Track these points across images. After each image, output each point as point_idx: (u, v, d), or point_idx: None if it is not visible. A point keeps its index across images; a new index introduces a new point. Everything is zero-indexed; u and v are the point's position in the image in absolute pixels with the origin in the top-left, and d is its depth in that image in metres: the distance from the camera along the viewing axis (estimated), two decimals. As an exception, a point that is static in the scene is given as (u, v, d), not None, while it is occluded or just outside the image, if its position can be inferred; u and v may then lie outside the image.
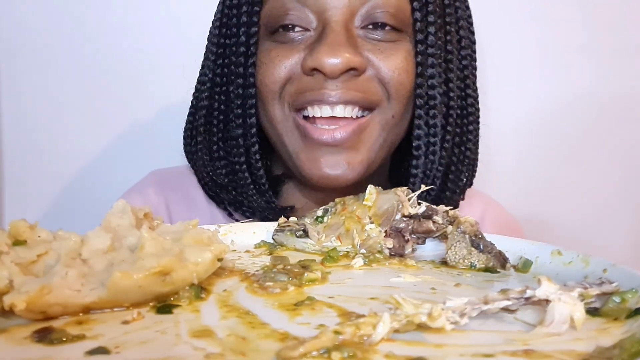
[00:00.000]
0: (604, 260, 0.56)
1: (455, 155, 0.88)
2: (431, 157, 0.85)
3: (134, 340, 0.42)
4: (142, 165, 1.10)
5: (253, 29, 0.83)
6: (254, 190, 0.87)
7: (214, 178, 0.90)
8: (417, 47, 0.82)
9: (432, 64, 0.83)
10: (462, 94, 0.89)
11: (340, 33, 0.78)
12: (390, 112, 0.82)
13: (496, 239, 0.65)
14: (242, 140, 0.86)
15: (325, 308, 0.49)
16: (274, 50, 0.82)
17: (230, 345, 0.40)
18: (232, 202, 0.90)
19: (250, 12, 0.83)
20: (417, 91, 0.83)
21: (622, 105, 1.37)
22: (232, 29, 0.86)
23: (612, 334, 0.43)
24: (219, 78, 0.89)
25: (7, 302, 0.43)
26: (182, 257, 0.49)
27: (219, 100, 0.89)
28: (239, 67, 0.84)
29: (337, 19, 0.79)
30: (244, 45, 0.84)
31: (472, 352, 0.39)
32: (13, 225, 0.50)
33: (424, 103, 0.83)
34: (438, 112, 0.84)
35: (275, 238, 0.71)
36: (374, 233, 0.66)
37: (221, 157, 0.90)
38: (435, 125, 0.84)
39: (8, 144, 1.24)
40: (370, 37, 0.81)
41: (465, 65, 0.89)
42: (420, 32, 0.82)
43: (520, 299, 0.45)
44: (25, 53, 1.22)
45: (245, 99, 0.84)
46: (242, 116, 0.85)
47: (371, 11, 0.80)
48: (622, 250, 1.40)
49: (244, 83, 0.84)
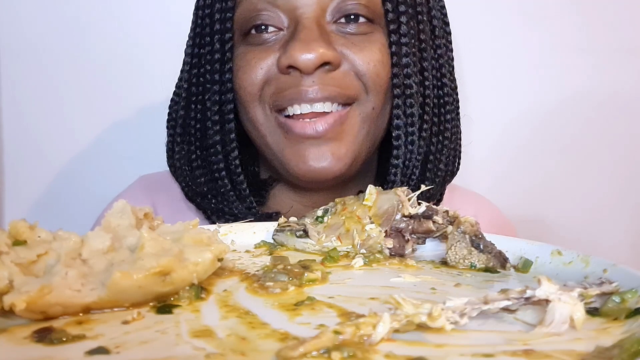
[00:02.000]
0: (604, 260, 0.56)
1: (434, 145, 0.88)
2: (410, 147, 0.85)
3: (134, 340, 0.42)
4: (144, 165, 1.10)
5: (227, 35, 0.84)
6: (234, 197, 0.86)
7: (194, 188, 0.90)
8: (391, 37, 0.82)
9: (406, 52, 0.83)
10: (438, 83, 0.89)
11: (313, 29, 0.78)
12: (370, 104, 0.82)
13: (496, 239, 0.65)
14: (221, 146, 0.85)
15: (325, 308, 0.49)
16: (250, 53, 0.82)
17: (230, 345, 0.40)
18: (213, 211, 0.89)
19: (223, 18, 0.83)
20: (394, 81, 0.83)
21: (620, 104, 1.37)
22: (205, 37, 0.86)
23: (612, 334, 0.43)
24: (195, 87, 0.89)
25: (7, 302, 0.43)
26: (182, 257, 0.49)
27: (196, 109, 0.89)
28: (215, 74, 0.84)
29: (308, 16, 0.79)
30: (219, 52, 0.84)
31: (472, 352, 0.39)
32: (13, 225, 0.50)
33: (401, 93, 0.83)
34: (415, 102, 0.84)
35: (275, 238, 0.71)
36: (374, 233, 0.66)
37: (200, 165, 0.89)
38: (412, 115, 0.84)
39: (8, 143, 1.25)
40: (343, 32, 0.81)
41: (440, 55, 0.89)
42: (393, 22, 0.82)
43: (520, 299, 0.45)
44: (25, 53, 1.22)
45: (223, 104, 0.84)
46: (219, 122, 0.85)
47: (342, 5, 0.80)
48: (622, 250, 1.40)
49: (220, 89, 0.84)
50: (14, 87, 1.23)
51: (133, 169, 1.09)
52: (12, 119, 1.24)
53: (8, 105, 1.23)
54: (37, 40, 1.22)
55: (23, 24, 1.21)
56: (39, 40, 1.22)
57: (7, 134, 1.24)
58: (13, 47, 1.22)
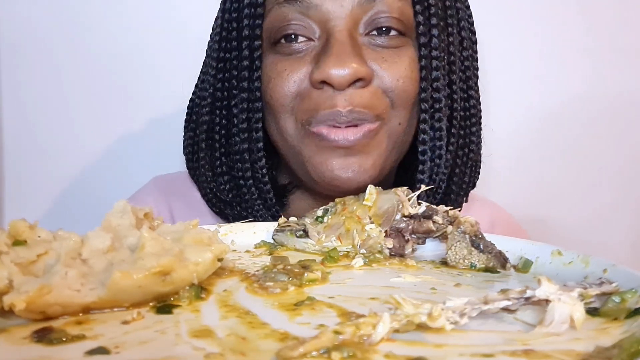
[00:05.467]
0: (604, 260, 0.56)
1: (459, 158, 0.88)
2: (437, 160, 0.84)
3: (134, 340, 0.42)
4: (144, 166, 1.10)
5: (256, 42, 0.82)
6: (260, 205, 0.86)
7: (217, 194, 0.89)
8: (421, 51, 0.81)
9: (437, 66, 0.82)
10: (464, 95, 0.88)
11: (345, 43, 0.77)
12: (397, 120, 0.81)
13: (496, 239, 0.65)
14: (248, 155, 0.85)
15: (325, 308, 0.49)
16: (280, 64, 0.81)
17: (230, 345, 0.40)
18: (236, 218, 0.89)
19: (252, 25, 0.82)
20: (422, 95, 0.82)
21: (622, 105, 1.37)
22: (233, 42, 0.85)
23: (612, 334, 0.43)
24: (220, 93, 0.88)
25: (6, 302, 0.43)
26: (182, 257, 0.49)
27: (221, 115, 0.88)
28: (243, 82, 0.83)
29: (340, 29, 0.78)
30: (248, 59, 0.83)
31: (472, 352, 0.39)
32: (13, 225, 0.50)
33: (428, 107, 0.83)
34: (443, 115, 0.83)
35: (275, 238, 0.71)
36: (374, 233, 0.66)
37: (224, 172, 0.89)
38: (440, 129, 0.83)
39: (8, 143, 1.24)
40: (374, 44, 0.80)
41: (467, 67, 0.88)
42: (424, 35, 0.81)
43: (520, 299, 0.45)
44: (27, 53, 1.22)
45: (251, 112, 0.83)
46: (247, 130, 0.84)
47: (374, 17, 0.79)
48: (622, 250, 1.40)
49: (249, 97, 0.83)
50: (16, 87, 1.23)
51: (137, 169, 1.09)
52: (14, 118, 1.24)
53: (9, 105, 1.23)
54: (41, 40, 1.22)
55: (26, 25, 1.21)
56: (42, 41, 1.22)
57: (7, 134, 1.24)
58: (16, 48, 1.22)
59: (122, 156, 1.26)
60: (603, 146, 1.38)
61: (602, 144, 1.38)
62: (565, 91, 1.36)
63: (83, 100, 1.24)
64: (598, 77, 1.36)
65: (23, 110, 1.24)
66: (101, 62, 1.23)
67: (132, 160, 1.25)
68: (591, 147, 1.38)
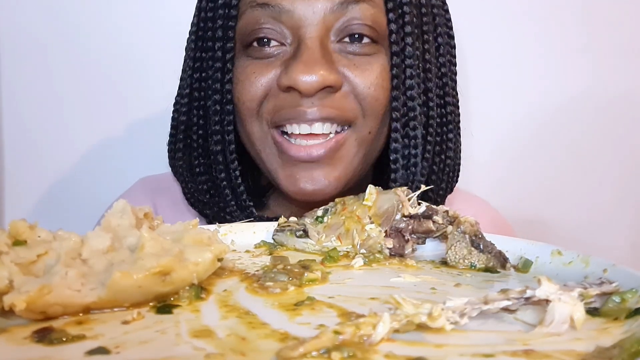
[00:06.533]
0: (604, 260, 0.56)
1: (436, 165, 0.88)
2: (412, 169, 0.84)
3: (134, 340, 0.42)
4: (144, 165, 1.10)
5: (229, 44, 0.82)
6: (235, 207, 0.86)
7: (195, 195, 0.90)
8: (393, 60, 0.81)
9: (411, 75, 0.82)
10: (441, 101, 0.88)
11: (316, 50, 0.77)
12: (366, 128, 0.82)
13: (496, 239, 0.65)
14: (222, 157, 0.85)
15: (325, 308, 0.49)
16: (250, 67, 0.81)
17: (230, 345, 0.40)
18: (216, 217, 0.89)
19: (226, 26, 0.82)
20: (393, 104, 0.82)
21: (621, 105, 1.37)
22: (207, 42, 0.85)
23: (612, 334, 0.43)
24: (197, 92, 0.88)
25: (7, 302, 0.43)
26: (182, 257, 0.49)
27: (198, 115, 0.88)
28: (216, 83, 0.83)
29: (311, 35, 0.78)
30: (220, 61, 0.83)
31: (472, 352, 0.39)
32: (13, 225, 0.50)
33: (400, 116, 0.82)
34: (418, 124, 0.83)
35: (275, 238, 0.71)
36: (374, 233, 0.66)
37: (202, 172, 0.89)
38: (415, 137, 0.83)
39: (8, 143, 1.24)
40: (346, 51, 0.80)
41: (444, 73, 0.88)
42: (396, 44, 0.81)
43: (520, 299, 0.45)
44: (26, 53, 1.22)
45: (223, 115, 0.84)
46: (220, 132, 0.85)
47: (347, 24, 0.79)
48: (622, 250, 1.40)
49: (221, 99, 0.83)
50: (14, 87, 1.23)
51: (133, 170, 1.09)
52: (12, 118, 1.24)
53: (8, 105, 1.23)
54: (37, 41, 1.22)
55: (24, 25, 1.21)
56: (39, 42, 1.22)
57: (7, 134, 1.24)
58: (13, 48, 1.22)
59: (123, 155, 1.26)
60: (603, 146, 1.38)
61: (602, 143, 1.38)
62: (566, 91, 1.36)
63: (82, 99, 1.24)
64: (597, 77, 1.36)
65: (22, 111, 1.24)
66: (96, 64, 1.23)
67: (130, 159, 1.25)
68: (592, 147, 1.38)
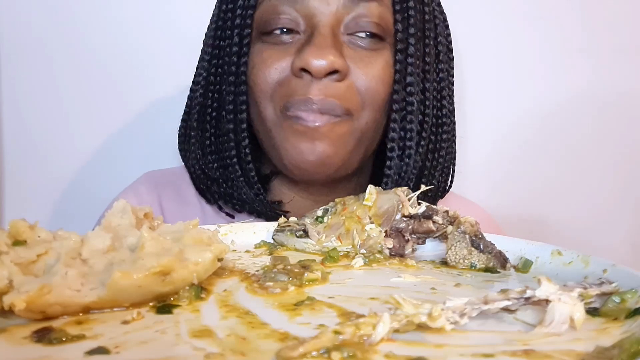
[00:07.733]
0: (604, 260, 0.56)
1: (429, 161, 0.93)
2: (406, 159, 0.89)
3: (134, 340, 0.42)
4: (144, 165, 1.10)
5: (246, 30, 0.88)
6: (243, 183, 0.91)
7: (205, 171, 0.95)
8: (397, 56, 0.87)
9: (411, 72, 0.88)
10: (437, 104, 0.94)
11: (327, 36, 0.83)
12: (364, 120, 0.86)
13: (496, 239, 0.65)
14: (233, 134, 0.90)
15: (325, 308, 0.49)
16: (266, 52, 0.86)
17: (230, 345, 0.40)
18: (222, 195, 0.94)
19: (244, 15, 0.88)
20: (394, 97, 0.87)
21: (621, 105, 1.37)
22: (226, 31, 0.91)
23: (612, 334, 0.43)
24: (213, 77, 0.94)
25: (6, 302, 0.43)
26: (182, 257, 0.49)
27: (212, 98, 0.94)
28: (232, 66, 0.89)
29: (324, 24, 0.83)
30: (237, 46, 0.88)
31: (472, 352, 0.39)
32: (13, 225, 0.50)
33: (400, 108, 0.88)
34: (414, 117, 0.89)
35: (275, 238, 0.71)
36: (374, 233, 0.66)
37: (213, 151, 0.94)
38: (411, 130, 0.89)
39: (8, 144, 1.24)
40: (353, 44, 0.85)
41: (442, 78, 0.94)
42: (401, 42, 0.87)
43: (520, 299, 0.45)
44: (26, 52, 1.22)
45: (237, 96, 0.89)
46: (233, 112, 0.90)
47: (356, 19, 0.85)
48: (622, 250, 1.40)
49: (235, 81, 0.89)
50: (14, 86, 1.23)
51: (135, 168, 1.09)
52: (12, 117, 1.24)
53: (8, 104, 1.23)
54: (37, 39, 1.22)
55: (24, 24, 1.21)
56: (39, 40, 1.22)
57: (7, 134, 1.24)
58: (14, 47, 1.22)
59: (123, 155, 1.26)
60: (603, 146, 1.38)
61: (602, 144, 1.38)
62: (565, 91, 1.36)
63: (82, 99, 1.24)
64: (596, 76, 1.36)
65: (22, 110, 1.24)
66: (97, 62, 1.23)
67: (130, 159, 1.25)
68: (592, 146, 1.38)
